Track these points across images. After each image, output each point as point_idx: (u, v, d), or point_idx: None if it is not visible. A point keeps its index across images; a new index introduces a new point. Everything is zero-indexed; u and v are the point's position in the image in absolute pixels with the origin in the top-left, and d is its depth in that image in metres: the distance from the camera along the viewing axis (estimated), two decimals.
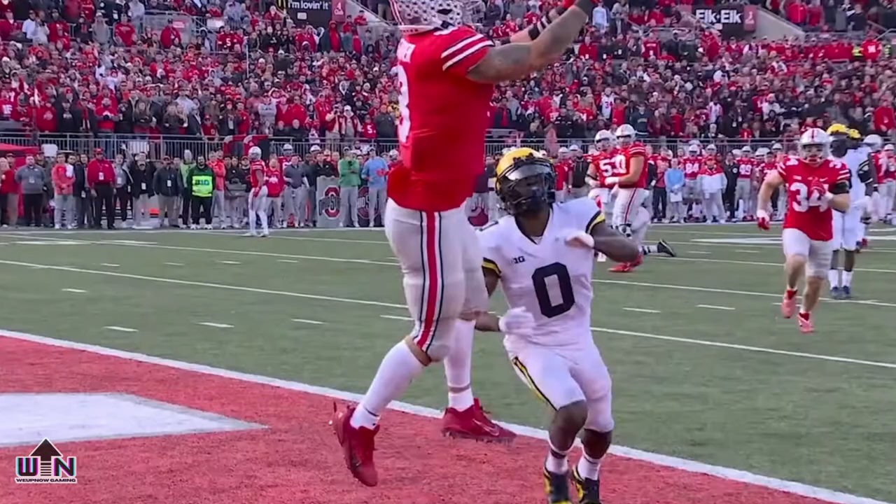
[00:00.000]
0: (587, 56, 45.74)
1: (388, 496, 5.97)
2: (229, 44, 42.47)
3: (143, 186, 33.52)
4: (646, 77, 44.93)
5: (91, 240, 27.52)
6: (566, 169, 34.16)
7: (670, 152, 38.07)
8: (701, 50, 48.14)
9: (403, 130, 5.48)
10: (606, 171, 21.71)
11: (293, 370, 9.73)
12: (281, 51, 42.34)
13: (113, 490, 6.08)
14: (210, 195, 33.45)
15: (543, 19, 5.49)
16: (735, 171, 37.27)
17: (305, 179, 34.17)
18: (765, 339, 11.26)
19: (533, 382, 5.50)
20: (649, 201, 28.04)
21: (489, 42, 5.18)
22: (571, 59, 44.96)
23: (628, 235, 19.55)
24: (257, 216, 29.99)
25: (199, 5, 44.43)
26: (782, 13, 51.42)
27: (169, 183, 33.13)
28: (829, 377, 9.26)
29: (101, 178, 32.35)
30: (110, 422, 7.76)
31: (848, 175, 11.78)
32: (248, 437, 7.32)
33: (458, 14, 5.21)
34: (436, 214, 5.32)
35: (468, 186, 5.62)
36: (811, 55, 48.31)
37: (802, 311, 11.38)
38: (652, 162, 28.82)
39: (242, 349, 10.92)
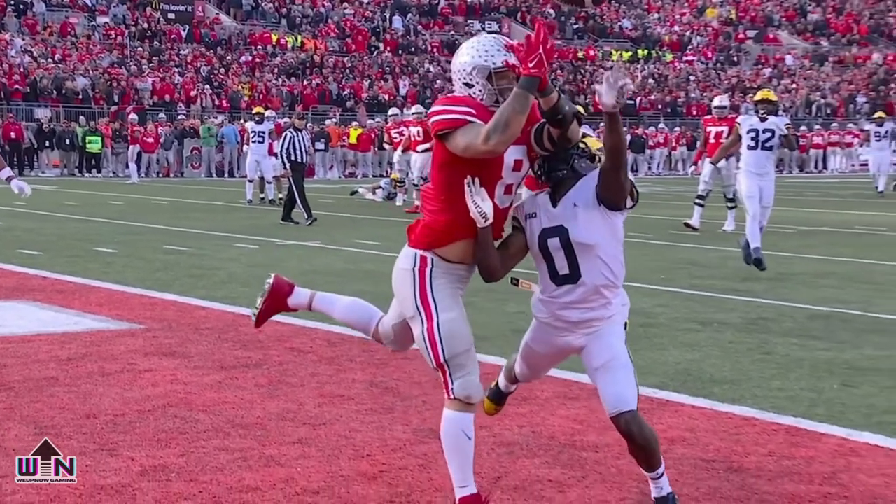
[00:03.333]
0: (388, 51, 45.54)
1: (236, 377, 5.91)
2: (114, 35, 40.96)
3: (47, 144, 32.72)
4: (431, 69, 44.97)
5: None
6: (373, 136, 34.23)
7: None
8: None
9: None
10: (395, 137, 21.74)
11: (165, 284, 9.52)
12: (155, 42, 41.13)
13: (23, 373, 5.90)
14: (100, 151, 32.73)
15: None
16: None
17: (175, 141, 33.54)
18: None
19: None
20: None
21: (474, 119, 3.67)
22: (376, 54, 44.78)
23: (420, 187, 19.58)
24: (137, 166, 29.87)
25: (90, 4, 42.59)
26: (529, 25, 52.02)
27: (67, 141, 32.33)
28: None
29: (13, 136, 31.52)
30: (20, 322, 7.50)
31: None
32: (129, 334, 7.15)
33: (479, 91, 3.75)
34: (428, 259, 3.83)
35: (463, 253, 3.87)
36: None
37: None
38: None
39: (125, 268, 10.64)
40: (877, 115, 28.36)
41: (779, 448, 4.69)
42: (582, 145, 3.85)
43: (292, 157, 16.71)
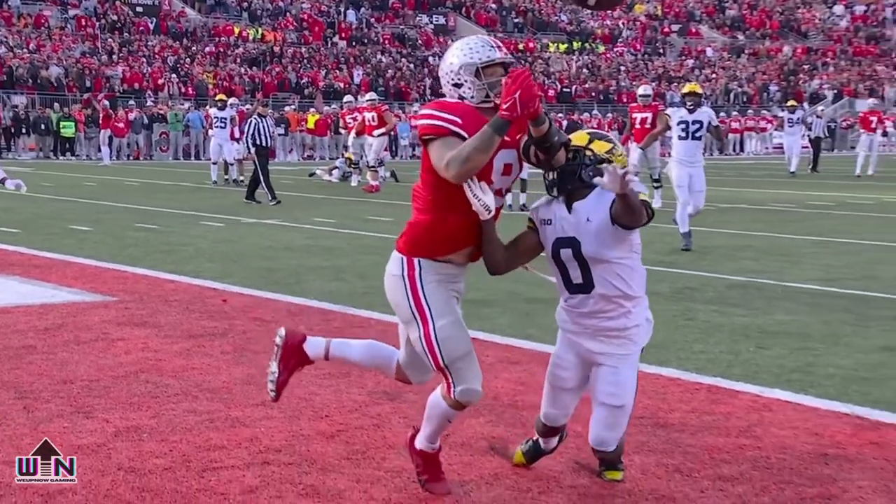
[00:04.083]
0: (343, 41, 45.17)
1: (204, 346, 5.87)
2: (86, 26, 40.20)
3: (24, 129, 32.09)
4: (383, 59, 44.69)
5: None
6: (329, 121, 34.01)
7: (401, 111, 38.10)
8: (420, 41, 48.18)
9: None
10: (350, 122, 21.57)
11: (136, 259, 9.41)
12: (124, 33, 40.43)
13: (3, 342, 5.81)
14: (73, 135, 32.14)
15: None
16: None
17: (144, 125, 33.03)
18: None
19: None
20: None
21: (459, 130, 3.42)
22: (331, 45, 44.41)
23: (375, 168, 19.47)
24: (108, 149, 29.30)
25: None
26: (473, 18, 51.85)
27: (43, 126, 31.71)
28: None
29: None
30: (0, 295, 7.36)
31: None
32: (102, 306, 7.06)
33: (468, 89, 3.51)
34: (415, 262, 3.59)
35: (456, 256, 3.67)
36: None
37: None
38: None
39: (98, 244, 10.49)
40: (789, 103, 28.76)
41: (700, 405, 4.76)
42: (589, 152, 3.61)
43: (257, 142, 16.57)
